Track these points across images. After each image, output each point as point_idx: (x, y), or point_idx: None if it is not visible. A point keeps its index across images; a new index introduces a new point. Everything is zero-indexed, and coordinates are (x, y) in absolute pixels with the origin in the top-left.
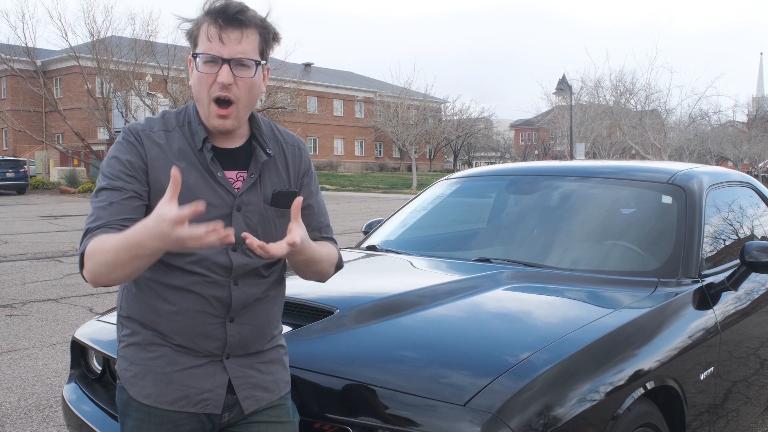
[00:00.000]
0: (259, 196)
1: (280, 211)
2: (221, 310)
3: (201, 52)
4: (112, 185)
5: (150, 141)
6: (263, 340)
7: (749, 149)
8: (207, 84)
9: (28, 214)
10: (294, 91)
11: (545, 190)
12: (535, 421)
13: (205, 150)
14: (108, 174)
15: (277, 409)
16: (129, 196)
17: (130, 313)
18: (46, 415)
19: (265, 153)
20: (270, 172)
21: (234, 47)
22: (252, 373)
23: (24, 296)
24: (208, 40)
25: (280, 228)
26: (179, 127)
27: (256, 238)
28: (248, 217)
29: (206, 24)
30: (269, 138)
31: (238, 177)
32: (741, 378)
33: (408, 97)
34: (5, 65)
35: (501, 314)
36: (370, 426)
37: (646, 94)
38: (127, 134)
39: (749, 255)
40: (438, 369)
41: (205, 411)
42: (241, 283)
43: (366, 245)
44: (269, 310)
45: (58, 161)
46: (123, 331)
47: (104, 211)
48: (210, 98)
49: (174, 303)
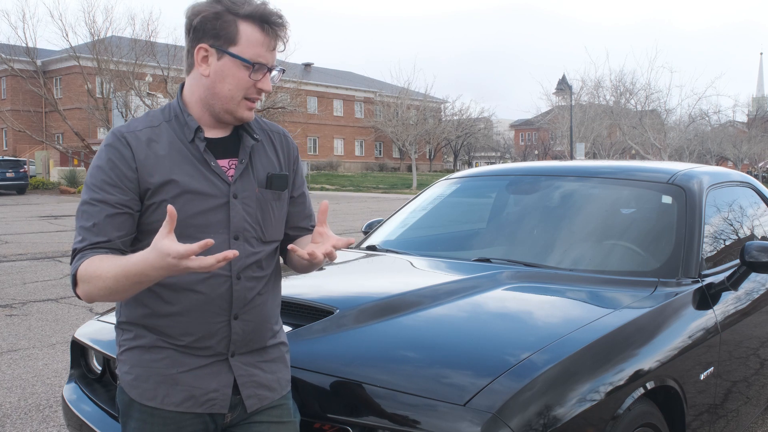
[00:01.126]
0: (253, 182)
1: (276, 193)
2: (225, 307)
3: (250, 58)
4: (94, 199)
5: (137, 141)
6: (266, 335)
7: (749, 149)
8: (245, 87)
9: (28, 214)
10: (294, 91)
11: (545, 190)
12: (535, 421)
13: (197, 140)
14: (91, 185)
15: (278, 409)
16: (113, 213)
17: (130, 318)
18: (46, 415)
19: (252, 138)
20: (260, 156)
21: (274, 55)
22: (255, 372)
23: (24, 296)
24: (255, 44)
25: (277, 211)
26: (166, 122)
27: (302, 250)
28: (246, 204)
29: (250, 26)
30: (255, 127)
31: (230, 165)
32: (741, 378)
33: (408, 97)
34: (5, 65)
35: (501, 314)
36: (370, 426)
37: (646, 94)
38: (111, 139)
39: (749, 255)
40: (438, 369)
41: (211, 411)
42: (243, 278)
43: (366, 245)
44: (270, 305)
45: (58, 161)
46: (124, 336)
47: (88, 232)
48: (243, 96)
49: (176, 303)
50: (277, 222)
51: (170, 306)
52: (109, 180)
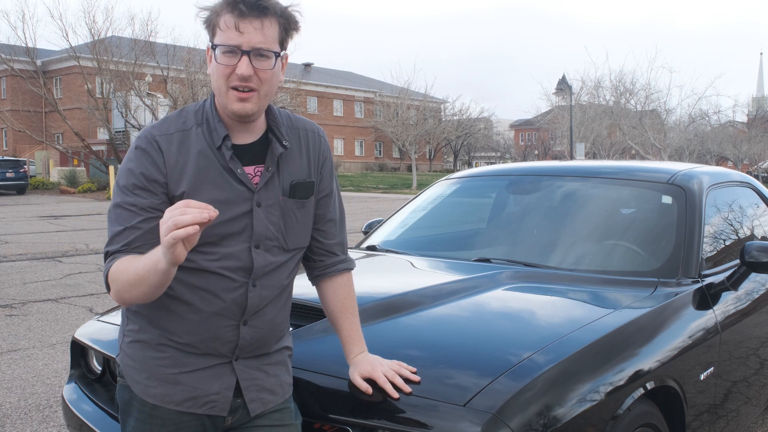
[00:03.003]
0: (278, 190)
1: (299, 202)
2: (236, 312)
3: (220, 42)
4: (126, 202)
5: (168, 144)
6: (272, 342)
7: (749, 149)
8: (225, 75)
9: (28, 214)
10: (294, 91)
11: (545, 190)
12: (535, 421)
13: (224, 148)
14: (122, 187)
15: (280, 413)
16: (143, 218)
17: (138, 308)
18: (46, 415)
19: (281, 145)
20: (288, 163)
21: (254, 37)
22: (259, 375)
23: (24, 296)
24: (227, 29)
25: (301, 220)
26: (197, 125)
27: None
28: (270, 212)
29: (225, 12)
30: (287, 128)
31: (255, 172)
32: (741, 378)
33: (408, 97)
34: (5, 65)
35: (501, 314)
36: (370, 426)
37: (645, 94)
38: (143, 141)
39: (749, 255)
40: (438, 369)
41: (211, 413)
42: (258, 286)
43: (366, 245)
44: (281, 314)
45: (58, 161)
46: (129, 326)
47: (120, 236)
48: (228, 86)
49: (189, 303)
50: (302, 229)
51: (184, 304)
52: (140, 184)
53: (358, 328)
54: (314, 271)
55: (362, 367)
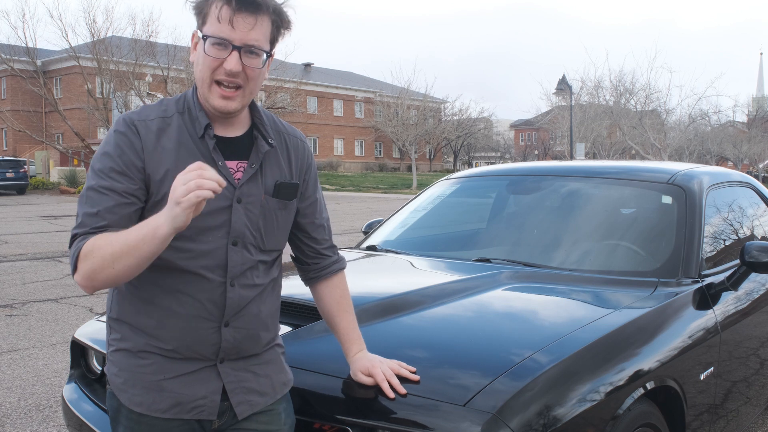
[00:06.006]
0: (260, 188)
1: (281, 203)
2: (215, 313)
3: (211, 34)
4: (101, 186)
5: (147, 130)
6: (259, 344)
7: (749, 149)
8: (211, 67)
9: (28, 214)
10: (294, 91)
11: (545, 190)
12: (536, 421)
13: (207, 138)
14: (98, 171)
15: (267, 415)
16: (120, 201)
17: (120, 315)
18: (46, 415)
19: (267, 143)
20: (271, 163)
21: (246, 33)
22: (246, 377)
23: (24, 296)
24: (219, 21)
25: (281, 221)
26: (179, 113)
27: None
28: (249, 210)
29: (219, 3)
30: (272, 129)
31: (238, 167)
32: (741, 378)
33: (408, 97)
34: (5, 65)
35: (501, 314)
36: (370, 426)
37: (645, 94)
38: (121, 125)
39: (749, 255)
40: (438, 369)
41: (199, 417)
42: (237, 285)
43: (366, 245)
44: (264, 314)
45: (58, 161)
46: (112, 335)
47: (91, 218)
48: (212, 80)
49: (166, 306)
50: (280, 232)
51: (161, 308)
52: (117, 167)
53: (355, 326)
54: (309, 274)
55: (361, 363)
